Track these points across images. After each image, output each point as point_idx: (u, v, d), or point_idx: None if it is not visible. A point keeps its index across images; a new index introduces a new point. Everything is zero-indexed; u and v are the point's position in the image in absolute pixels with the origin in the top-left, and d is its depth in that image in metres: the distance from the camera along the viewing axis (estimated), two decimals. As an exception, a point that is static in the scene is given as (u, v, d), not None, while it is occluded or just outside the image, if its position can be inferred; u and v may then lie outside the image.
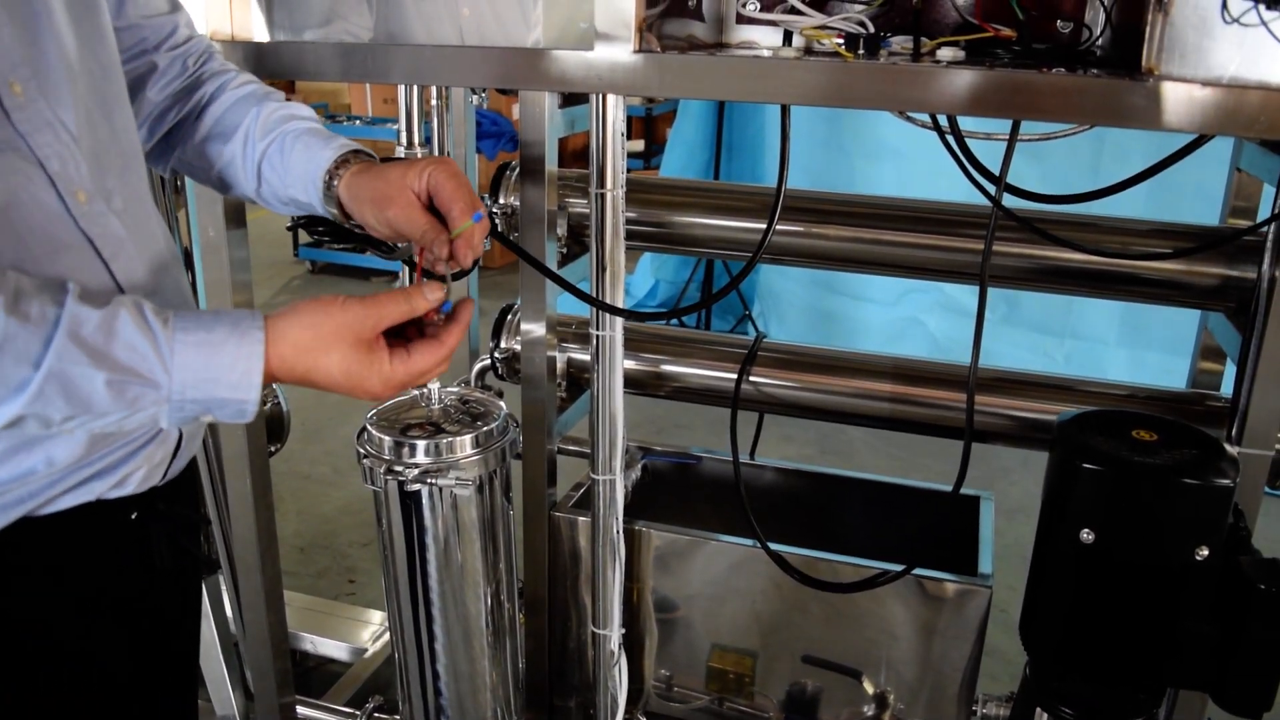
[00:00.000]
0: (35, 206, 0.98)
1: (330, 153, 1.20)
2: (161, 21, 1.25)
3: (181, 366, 0.90)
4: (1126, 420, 1.31)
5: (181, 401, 0.92)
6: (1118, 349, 4.14)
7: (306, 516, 3.54)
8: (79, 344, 0.86)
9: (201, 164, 1.29)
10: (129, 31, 1.21)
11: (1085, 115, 1.16)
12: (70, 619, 1.10)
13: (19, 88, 0.97)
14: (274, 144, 1.23)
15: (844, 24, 1.34)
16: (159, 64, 1.24)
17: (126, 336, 0.88)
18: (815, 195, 1.76)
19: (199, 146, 1.27)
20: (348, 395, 1.03)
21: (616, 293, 1.55)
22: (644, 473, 1.98)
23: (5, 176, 0.96)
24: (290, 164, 1.22)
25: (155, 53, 1.24)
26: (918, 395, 1.71)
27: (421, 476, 1.53)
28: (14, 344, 0.84)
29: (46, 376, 0.85)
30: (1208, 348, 1.76)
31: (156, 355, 0.90)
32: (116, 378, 0.88)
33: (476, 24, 1.40)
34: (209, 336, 0.92)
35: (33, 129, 0.98)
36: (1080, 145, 3.74)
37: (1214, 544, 1.21)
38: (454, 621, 1.66)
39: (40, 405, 0.86)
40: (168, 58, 1.25)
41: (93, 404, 0.88)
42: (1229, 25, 1.02)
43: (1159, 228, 1.58)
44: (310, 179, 1.21)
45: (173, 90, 1.27)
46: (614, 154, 1.45)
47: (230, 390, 0.93)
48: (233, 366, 0.93)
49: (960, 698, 1.68)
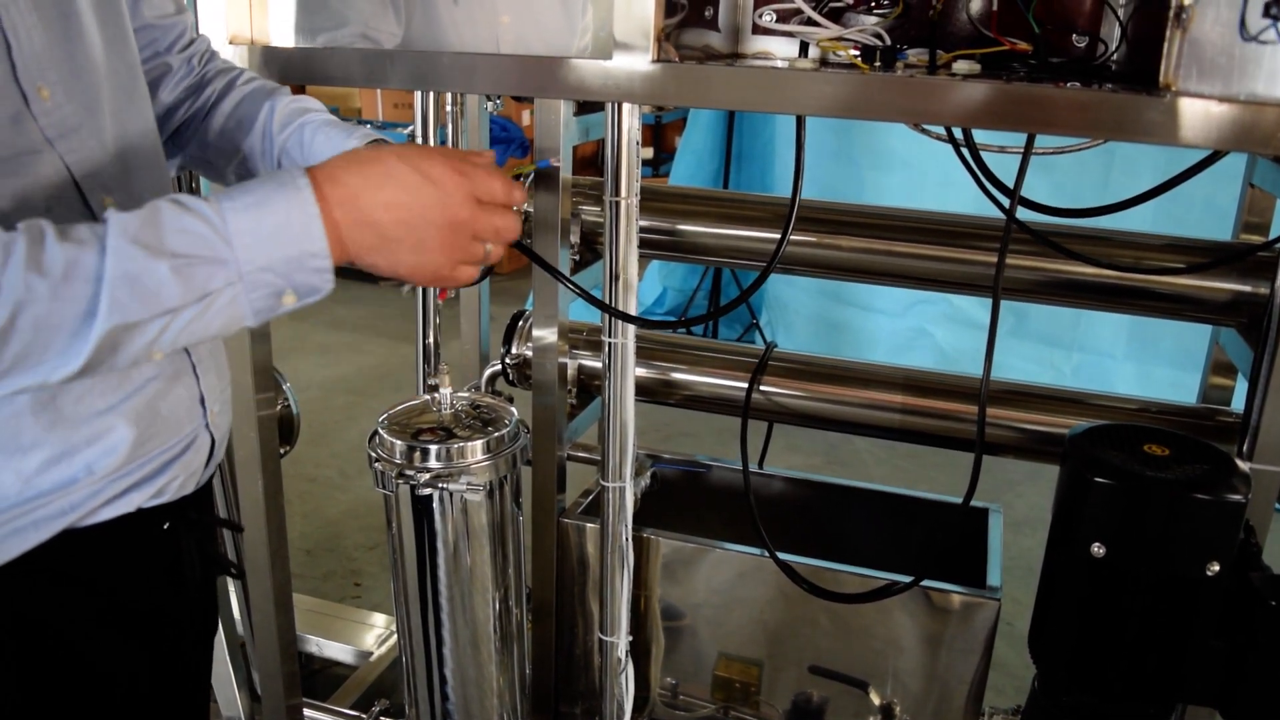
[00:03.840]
0: (64, 211, 0.97)
1: (356, 141, 1.20)
2: (172, 22, 1.26)
3: (239, 233, 0.87)
4: (1138, 434, 1.31)
5: (254, 274, 0.88)
6: (1125, 363, 4.13)
7: (312, 519, 3.54)
8: (132, 242, 0.84)
9: (215, 159, 1.29)
10: (143, 32, 1.22)
11: (1101, 130, 1.16)
12: (105, 629, 1.10)
13: (47, 92, 0.96)
14: (293, 135, 1.24)
15: (860, 36, 1.35)
16: (172, 65, 1.26)
17: (175, 223, 0.86)
18: (826, 206, 1.77)
19: (213, 142, 1.28)
20: (424, 238, 0.96)
21: (629, 300, 1.55)
22: (653, 480, 1.98)
23: (32, 183, 0.95)
24: (313, 154, 1.22)
25: (168, 54, 1.25)
26: (928, 407, 1.71)
27: (433, 481, 1.54)
28: (75, 267, 0.82)
29: (113, 282, 0.83)
30: (1219, 363, 1.76)
31: (211, 229, 0.87)
32: (180, 263, 0.85)
33: (515, 32, 1.39)
34: (255, 198, 0.89)
35: (60, 134, 0.97)
36: (1090, 159, 3.73)
37: (1225, 560, 1.21)
38: (462, 626, 1.66)
39: (119, 314, 0.84)
40: (179, 59, 1.26)
41: (162, 296, 0.85)
42: (1247, 42, 1.03)
43: (1172, 242, 1.58)
44: None
45: (182, 90, 1.28)
46: (629, 162, 1.46)
47: (296, 244, 0.89)
48: (288, 218, 0.89)
49: (967, 710, 1.67)
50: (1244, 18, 1.01)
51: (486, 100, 2.11)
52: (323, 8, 1.48)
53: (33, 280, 0.80)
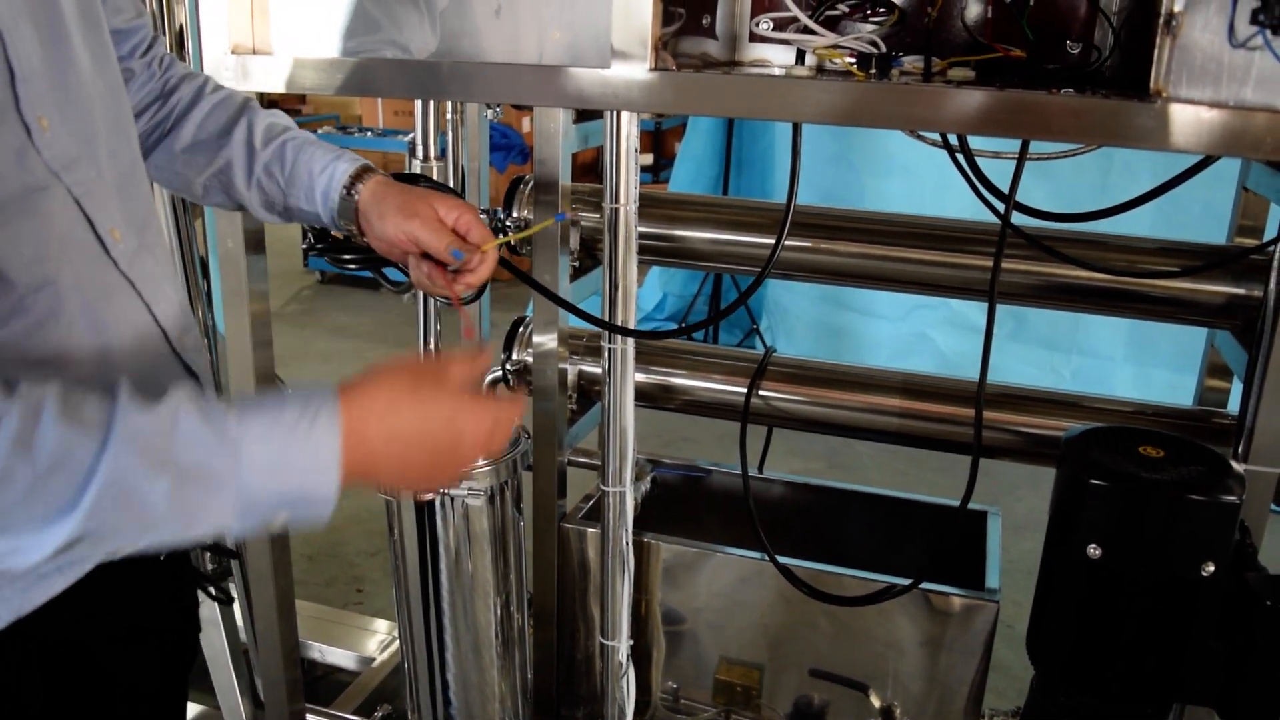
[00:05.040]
0: (78, 250, 0.94)
1: (347, 165, 1.22)
2: (133, 26, 1.22)
3: (252, 462, 0.80)
4: (1133, 437, 1.32)
5: (253, 502, 0.81)
6: (1124, 365, 4.14)
7: (314, 526, 3.55)
8: (138, 450, 0.76)
9: (185, 170, 1.26)
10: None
11: (1094, 135, 1.18)
12: (103, 647, 1.11)
13: (46, 122, 0.91)
14: (276, 152, 1.23)
15: (856, 44, 1.36)
16: (134, 70, 1.23)
17: (190, 434, 0.78)
18: (824, 211, 1.78)
19: (182, 153, 1.25)
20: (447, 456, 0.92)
21: (629, 308, 1.56)
22: (653, 485, 1.99)
23: (45, 223, 0.91)
24: (296, 173, 1.22)
25: (129, 59, 1.22)
26: (926, 410, 1.72)
27: (434, 487, 1.55)
28: (67, 459, 0.74)
29: (101, 489, 0.75)
30: (1214, 365, 1.77)
31: (223, 447, 0.79)
32: (179, 481, 0.77)
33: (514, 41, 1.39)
34: (278, 432, 0.82)
35: (64, 166, 0.93)
36: (1088, 163, 3.72)
37: (1220, 560, 1.22)
38: (464, 631, 1.67)
39: (96, 522, 0.75)
40: (140, 64, 1.23)
41: (150, 515, 0.77)
42: (1236, 49, 1.04)
43: (1166, 246, 1.59)
44: (322, 188, 1.22)
45: (144, 96, 1.25)
46: (627, 169, 1.47)
47: (307, 484, 0.83)
48: (311, 463, 0.83)
49: (967, 712, 1.68)
50: (1233, 24, 1.03)
51: (486, 108, 2.12)
52: (326, 19, 1.49)
53: (16, 464, 0.72)
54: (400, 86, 1.47)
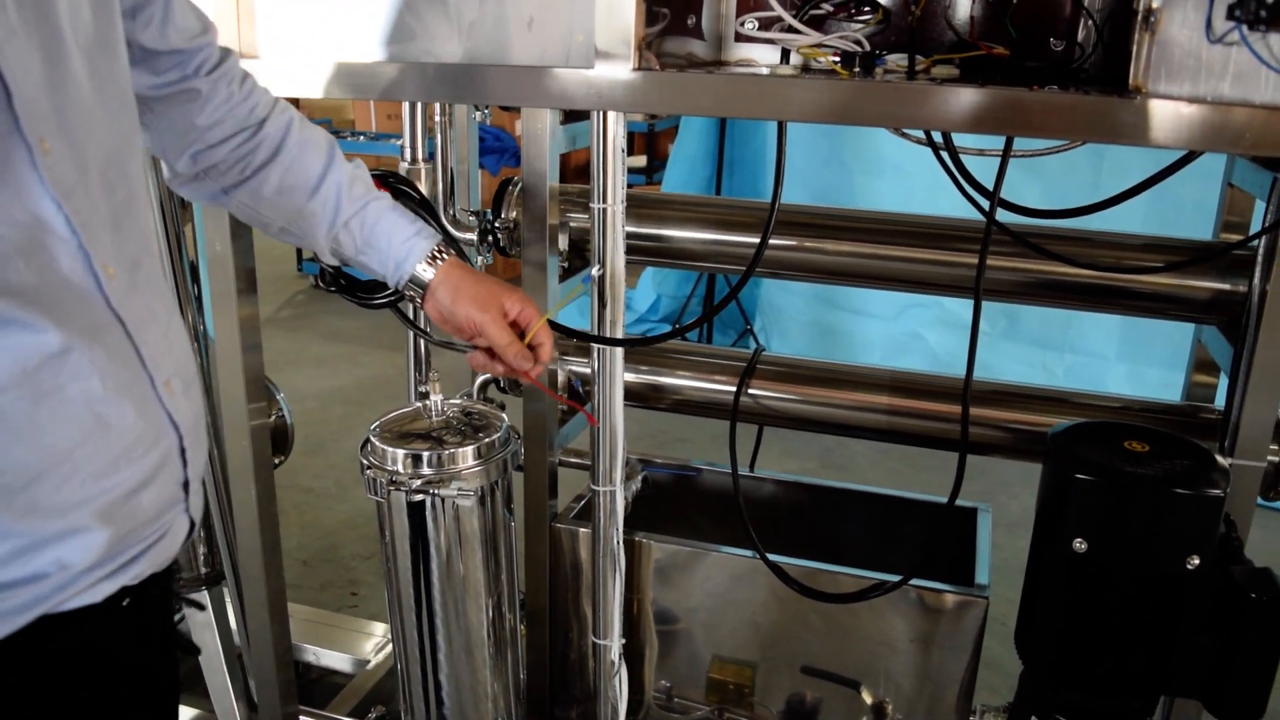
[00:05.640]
0: (65, 287, 0.90)
1: (426, 242, 1.30)
2: (200, 43, 1.21)
3: None
4: (1118, 431, 1.33)
5: None
6: (1118, 364, 4.15)
7: (310, 530, 3.55)
8: None
9: (266, 213, 1.30)
10: (170, 56, 1.18)
11: (1075, 132, 1.18)
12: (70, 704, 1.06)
13: (49, 144, 0.87)
14: (358, 214, 1.30)
15: (840, 42, 1.36)
16: (201, 89, 1.21)
17: None
18: (814, 210, 1.79)
19: (268, 199, 1.28)
20: None
21: (617, 308, 1.57)
22: (645, 485, 2.00)
23: (38, 252, 0.88)
24: (375, 239, 1.30)
25: (197, 78, 1.21)
26: (915, 408, 1.73)
27: (424, 487, 1.55)
28: None
29: None
30: (1201, 361, 1.78)
31: None
32: None
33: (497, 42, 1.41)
34: None
35: (64, 193, 0.89)
36: (1080, 162, 3.76)
37: (1205, 553, 1.23)
38: (456, 632, 1.67)
39: None
40: (207, 82, 1.22)
41: None
42: (1214, 45, 1.05)
43: (1152, 242, 1.60)
44: (397, 258, 1.30)
45: (229, 123, 1.24)
46: (614, 170, 1.48)
47: None
48: None
49: (958, 708, 1.69)
50: (1210, 20, 1.03)
51: (475, 110, 2.13)
52: (312, 23, 1.50)
53: None
54: (385, 88, 1.47)
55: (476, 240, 1.81)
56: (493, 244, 1.81)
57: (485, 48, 1.39)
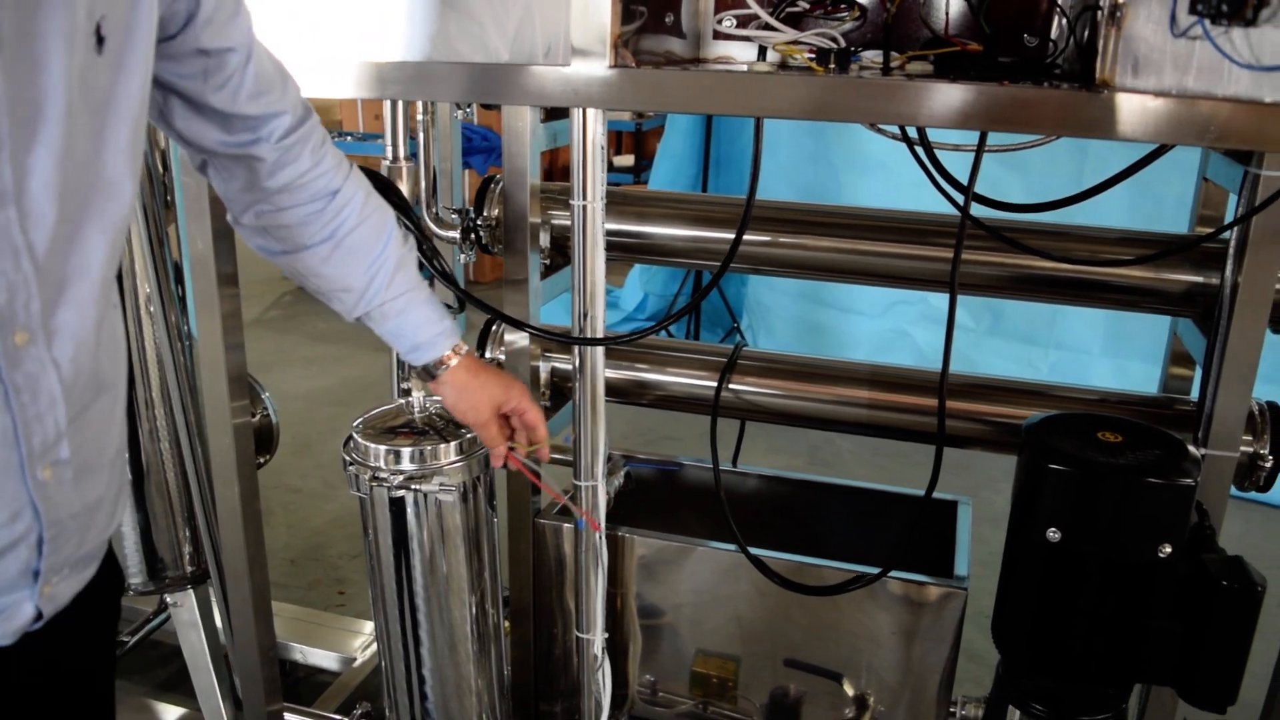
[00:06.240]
0: None
1: (448, 342, 1.42)
2: (276, 109, 1.18)
3: None
4: (1092, 423, 1.35)
5: None
6: (1102, 359, 4.17)
7: (297, 529, 3.55)
8: None
9: (315, 281, 1.33)
10: (242, 120, 1.15)
11: (1045, 126, 1.20)
12: None
13: None
14: (395, 301, 1.36)
15: (815, 39, 1.38)
16: (269, 157, 1.19)
17: None
18: (794, 206, 1.80)
19: (317, 269, 1.31)
20: None
21: (597, 305, 1.57)
22: (630, 481, 2.00)
23: None
24: (401, 327, 1.39)
25: (268, 143, 1.18)
26: (894, 401, 1.74)
27: (406, 483, 1.56)
28: None
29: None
30: (1177, 353, 1.80)
31: None
32: None
33: (475, 39, 1.41)
34: None
35: None
36: (1062, 158, 3.78)
37: (1177, 542, 1.24)
38: (439, 627, 1.68)
39: None
40: (279, 149, 1.19)
41: None
42: (1178, 39, 1.06)
43: (1127, 236, 1.61)
44: (418, 346, 1.41)
45: (296, 194, 1.23)
46: (594, 167, 1.48)
47: None
48: None
49: (939, 698, 1.70)
50: (1174, 15, 1.05)
51: (457, 109, 2.13)
52: (287, 21, 1.50)
53: None
54: (363, 85, 1.48)
55: (459, 238, 1.82)
56: (475, 242, 1.82)
57: (462, 45, 1.40)
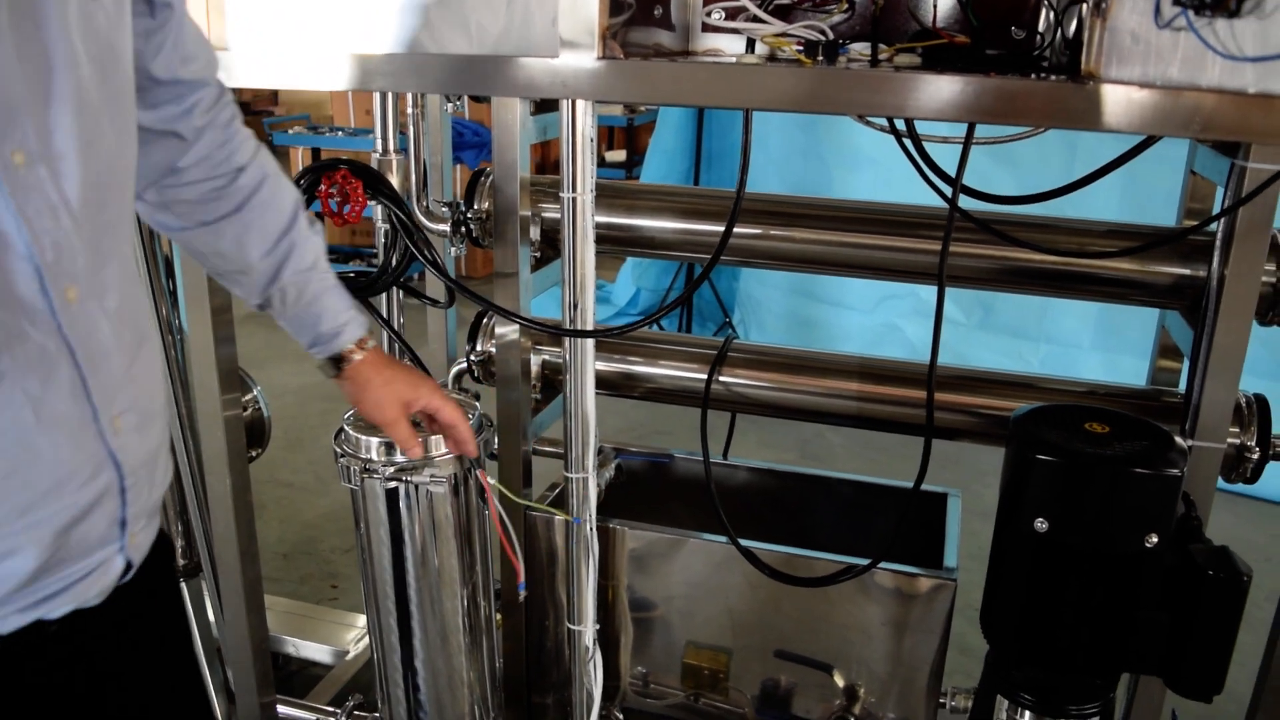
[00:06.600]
0: (13, 309, 0.86)
1: (353, 334, 1.37)
2: (202, 75, 1.17)
3: None
4: (1080, 414, 1.36)
5: None
6: (1092, 352, 4.18)
7: (290, 524, 3.55)
8: None
9: (217, 261, 1.29)
10: (170, 87, 1.14)
11: (1031, 117, 1.20)
12: None
13: (21, 157, 0.84)
14: (297, 284, 1.31)
15: (803, 31, 1.38)
16: (189, 135, 1.18)
17: None
18: (784, 198, 1.80)
19: (226, 250, 1.26)
20: None
21: (587, 297, 1.58)
22: (621, 474, 2.01)
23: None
24: (304, 315, 1.33)
25: (190, 117, 1.17)
26: (883, 393, 1.75)
27: (397, 474, 1.56)
28: None
29: None
30: (1165, 346, 1.80)
31: None
32: None
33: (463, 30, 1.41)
34: None
35: (32, 210, 0.85)
36: (1052, 151, 3.79)
37: (1164, 532, 1.25)
38: (431, 620, 1.68)
39: None
40: (198, 126, 1.18)
41: None
42: (1162, 30, 1.07)
43: (1114, 228, 1.62)
44: (320, 336, 1.36)
45: (202, 168, 1.21)
46: (583, 159, 1.48)
47: None
48: None
49: (929, 689, 1.71)
50: (1158, 6, 1.05)
51: (447, 102, 2.13)
52: (280, 14, 1.50)
53: None
54: (352, 78, 1.48)
55: (450, 231, 1.82)
56: (465, 235, 1.82)
57: (451, 36, 1.40)
